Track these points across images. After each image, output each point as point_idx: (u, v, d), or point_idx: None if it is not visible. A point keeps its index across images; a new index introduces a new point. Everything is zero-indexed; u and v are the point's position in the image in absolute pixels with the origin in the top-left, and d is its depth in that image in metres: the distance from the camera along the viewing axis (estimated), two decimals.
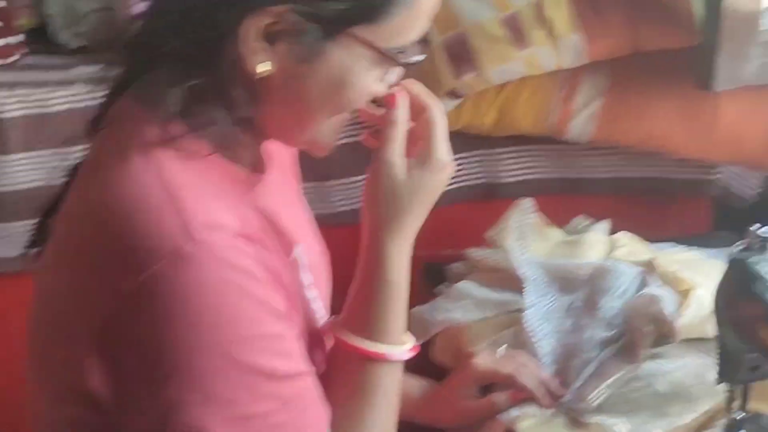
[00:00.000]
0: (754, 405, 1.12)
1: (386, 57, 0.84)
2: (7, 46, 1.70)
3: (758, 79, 1.45)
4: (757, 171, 1.65)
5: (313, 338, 0.94)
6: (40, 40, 1.78)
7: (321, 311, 0.99)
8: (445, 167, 0.91)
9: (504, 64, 1.51)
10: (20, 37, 1.74)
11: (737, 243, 1.06)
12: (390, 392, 0.94)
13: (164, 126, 0.81)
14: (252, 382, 0.79)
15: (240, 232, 0.81)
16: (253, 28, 0.80)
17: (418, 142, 0.91)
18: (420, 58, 0.83)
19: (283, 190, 1.00)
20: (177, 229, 0.77)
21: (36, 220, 0.97)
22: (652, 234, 1.49)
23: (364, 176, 0.91)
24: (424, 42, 0.90)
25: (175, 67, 0.82)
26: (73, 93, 1.59)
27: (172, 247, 0.76)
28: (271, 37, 0.81)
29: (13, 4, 1.75)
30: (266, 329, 0.81)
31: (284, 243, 0.92)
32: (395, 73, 0.88)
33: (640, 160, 1.68)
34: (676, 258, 1.38)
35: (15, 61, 1.71)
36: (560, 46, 1.50)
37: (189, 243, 0.76)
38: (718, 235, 1.61)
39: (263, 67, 0.82)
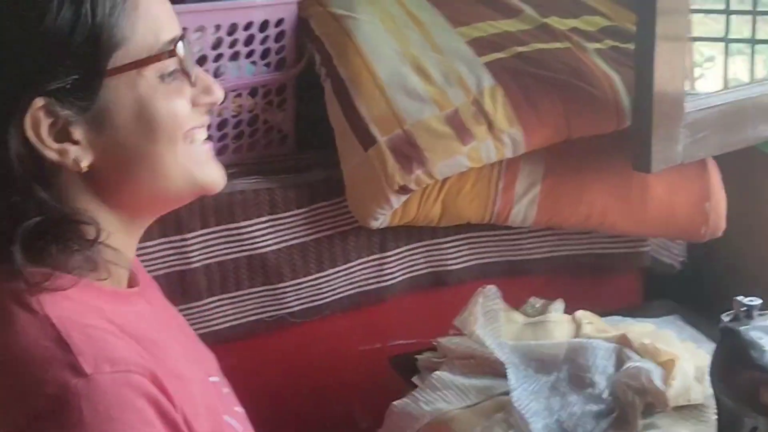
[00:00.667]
0: None
1: (149, 60, 0.84)
2: None
3: (684, 158, 1.57)
4: (683, 240, 1.78)
5: None
6: None
7: (237, 410, 0.99)
8: None
9: (449, 159, 1.57)
10: None
11: (724, 314, 1.15)
12: None
13: (26, 277, 0.81)
14: None
15: (137, 367, 0.79)
16: (37, 135, 0.81)
17: None
18: (181, 47, 0.84)
19: (158, 307, 1.00)
20: (66, 367, 0.76)
21: None
22: (590, 308, 1.57)
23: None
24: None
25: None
26: None
27: (60, 380, 0.75)
28: (60, 134, 0.82)
29: None
30: None
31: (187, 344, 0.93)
32: (175, 76, 0.87)
33: (575, 238, 1.77)
34: (637, 330, 1.47)
35: None
36: (500, 139, 1.57)
37: (77, 377, 0.75)
38: (653, 305, 1.73)
39: (85, 161, 0.83)
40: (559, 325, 1.50)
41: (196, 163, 0.90)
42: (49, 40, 0.80)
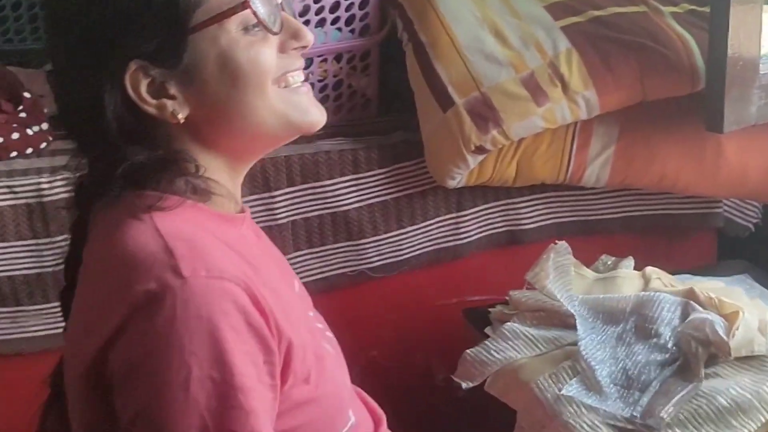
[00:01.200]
0: None
1: (227, 14, 0.90)
2: (38, 133, 1.76)
3: (758, 119, 1.59)
4: (757, 201, 1.80)
5: (320, 362, 0.98)
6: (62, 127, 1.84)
7: (328, 335, 1.06)
8: None
9: (525, 120, 1.62)
10: (46, 125, 1.80)
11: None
12: None
13: (143, 197, 0.91)
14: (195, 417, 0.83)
15: (229, 276, 0.86)
16: (137, 93, 0.90)
17: None
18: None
19: (263, 239, 1.07)
20: (167, 268, 0.85)
21: None
22: (663, 267, 1.61)
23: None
24: None
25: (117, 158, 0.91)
26: None
27: (161, 280, 0.84)
28: (157, 92, 0.91)
29: (38, 92, 1.81)
30: (242, 377, 0.85)
31: (282, 276, 1.01)
32: (265, 15, 0.92)
33: (649, 198, 1.81)
34: (705, 286, 1.51)
35: (45, 148, 1.76)
36: (575, 100, 1.62)
37: (176, 279, 0.84)
38: (726, 264, 1.76)
39: (179, 110, 0.92)
40: (628, 280, 1.55)
41: (291, 106, 0.95)
42: (134, 6, 0.89)
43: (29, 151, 1.72)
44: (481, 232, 1.81)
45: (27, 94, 1.78)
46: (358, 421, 1.03)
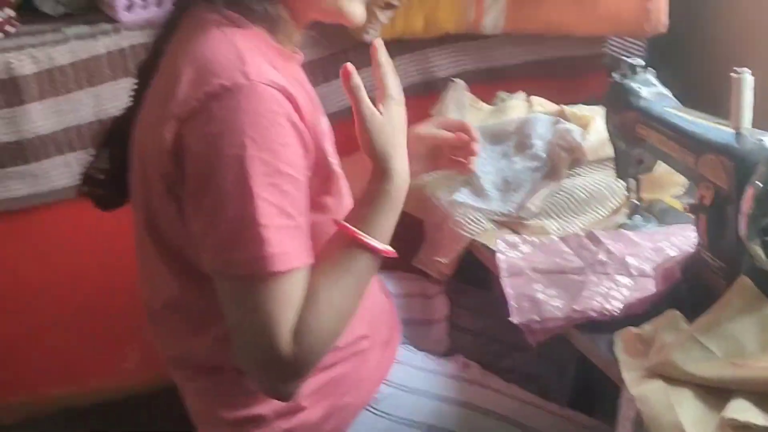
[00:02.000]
0: (646, 195, 1.52)
1: None
2: (4, 19, 1.98)
3: None
4: (632, 37, 2.05)
5: (334, 188, 1.26)
6: (28, 13, 2.07)
7: (340, 170, 1.30)
8: (401, 101, 1.25)
9: None
10: (12, 12, 2.02)
11: (614, 71, 1.45)
12: (361, 278, 1.18)
13: (225, 14, 1.18)
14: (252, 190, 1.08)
15: (282, 89, 1.12)
16: None
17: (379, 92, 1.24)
18: None
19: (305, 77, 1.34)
20: (239, 71, 1.11)
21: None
22: (559, 103, 1.87)
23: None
24: None
25: None
26: (71, 49, 1.90)
27: (233, 79, 1.10)
28: None
29: None
30: (281, 161, 1.10)
31: (316, 110, 1.26)
32: None
33: (544, 43, 2.06)
34: (579, 108, 1.77)
35: (12, 32, 1.99)
36: None
37: (245, 80, 1.10)
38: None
39: None
40: (515, 109, 1.82)
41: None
42: None
43: None
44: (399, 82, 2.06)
45: None
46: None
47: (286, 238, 1.11)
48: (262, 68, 1.13)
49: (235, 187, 1.09)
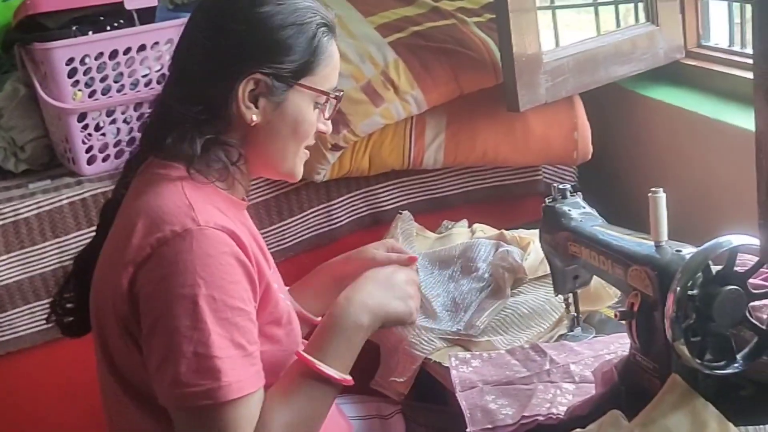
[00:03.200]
0: (584, 307, 1.64)
1: (325, 94, 1.34)
2: None
3: (548, 98, 2.01)
4: (564, 165, 2.21)
5: (283, 320, 1.35)
6: None
7: (288, 303, 1.40)
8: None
9: (367, 119, 2.02)
10: None
11: (547, 197, 1.59)
12: (320, 406, 1.29)
13: (183, 168, 1.29)
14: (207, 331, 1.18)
15: (228, 231, 1.24)
16: (242, 93, 1.29)
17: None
18: (341, 93, 1.40)
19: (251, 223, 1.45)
20: (188, 218, 1.22)
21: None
22: (498, 227, 2.00)
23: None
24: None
25: (188, 129, 1.29)
26: (36, 201, 2.00)
27: (183, 225, 1.21)
28: (253, 97, 1.30)
29: None
30: (230, 297, 1.20)
31: (261, 249, 1.36)
32: (328, 109, 1.38)
33: (482, 174, 2.22)
34: (518, 232, 1.91)
35: None
36: (406, 99, 2.02)
37: (194, 225, 1.21)
38: None
39: (256, 119, 1.30)
40: (459, 236, 1.95)
41: (300, 163, 1.38)
42: (287, 49, 1.30)
43: None
44: (349, 217, 2.19)
45: None
46: None
47: (239, 366, 1.20)
48: (210, 214, 1.24)
49: (189, 324, 1.18)
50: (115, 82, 2.01)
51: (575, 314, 1.61)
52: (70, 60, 1.95)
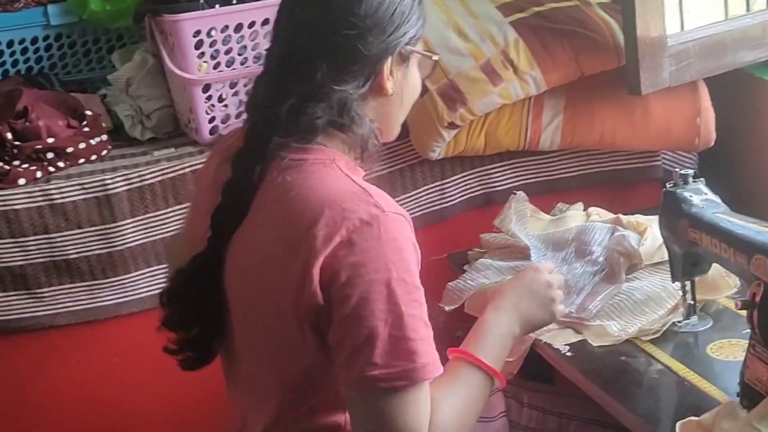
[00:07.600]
0: (701, 296, 1.61)
1: (432, 58, 1.40)
2: (99, 143, 2.17)
3: (671, 82, 1.97)
4: (683, 151, 2.17)
5: None
6: (118, 137, 2.25)
7: None
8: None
9: (485, 98, 2.01)
10: (105, 137, 2.20)
11: (667, 182, 1.57)
12: (477, 396, 1.35)
13: (326, 150, 1.32)
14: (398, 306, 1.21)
15: (404, 215, 1.28)
16: (388, 66, 1.32)
17: None
18: (437, 57, 1.49)
19: None
20: (371, 205, 1.24)
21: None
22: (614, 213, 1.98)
23: None
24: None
25: (335, 108, 1.30)
26: (160, 168, 2.07)
27: (369, 213, 1.23)
28: (390, 69, 1.33)
29: (96, 111, 2.23)
30: (415, 278, 1.25)
31: None
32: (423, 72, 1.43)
33: (598, 158, 2.19)
34: (635, 217, 1.88)
35: (106, 155, 2.17)
36: (525, 79, 2.01)
37: (381, 212, 1.24)
38: None
39: (391, 90, 1.34)
40: (574, 219, 1.93)
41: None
42: (411, 16, 1.33)
43: (93, 157, 2.13)
44: (462, 196, 2.19)
45: (88, 112, 2.19)
46: None
47: (430, 348, 1.25)
48: (383, 197, 1.28)
49: (385, 308, 1.21)
50: (239, 54, 2.06)
51: (692, 302, 1.59)
52: (197, 32, 2.01)
